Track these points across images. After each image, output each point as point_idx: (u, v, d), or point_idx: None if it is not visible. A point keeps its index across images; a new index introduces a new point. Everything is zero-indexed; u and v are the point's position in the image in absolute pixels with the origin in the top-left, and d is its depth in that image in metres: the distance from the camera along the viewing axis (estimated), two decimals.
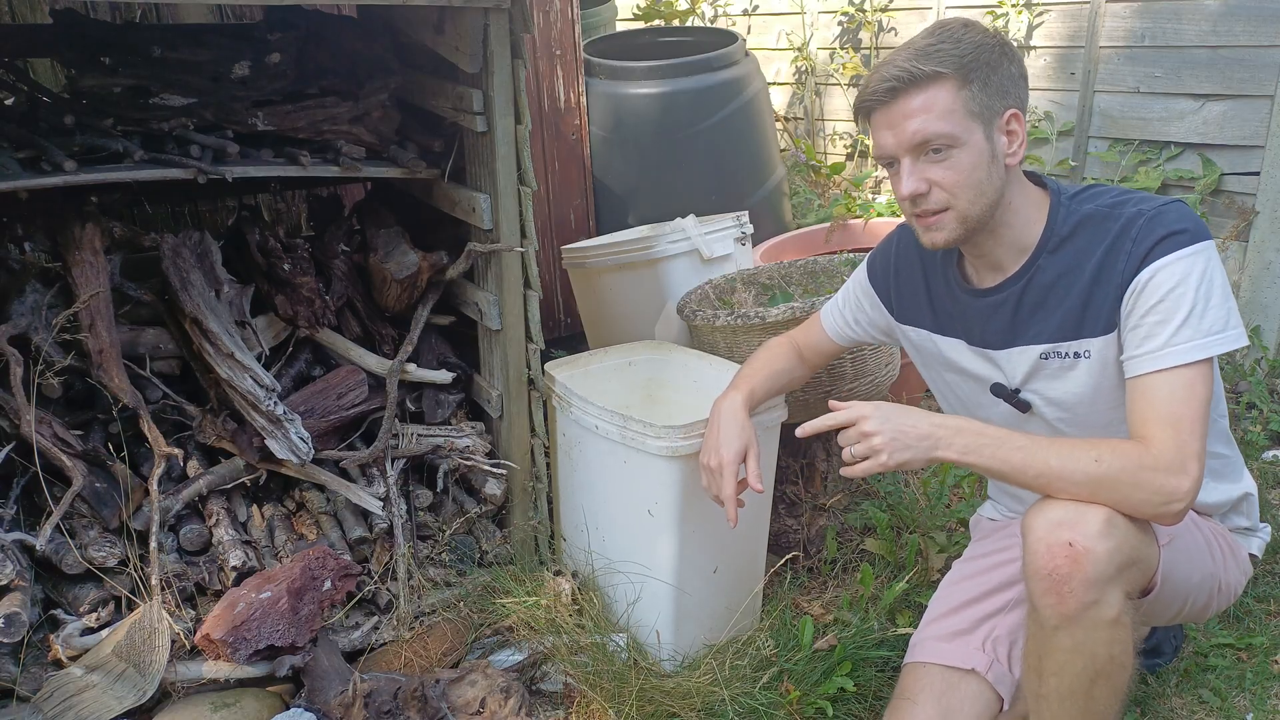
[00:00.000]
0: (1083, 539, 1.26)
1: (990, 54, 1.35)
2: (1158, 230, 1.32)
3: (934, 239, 1.43)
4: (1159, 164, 3.17)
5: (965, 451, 1.35)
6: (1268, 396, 2.82)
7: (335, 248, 2.25)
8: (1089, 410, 1.46)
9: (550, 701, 1.80)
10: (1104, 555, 1.25)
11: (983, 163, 1.37)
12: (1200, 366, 1.29)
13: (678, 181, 3.26)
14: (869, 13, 4.10)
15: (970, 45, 1.34)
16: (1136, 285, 1.33)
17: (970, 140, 1.35)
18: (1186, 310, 1.29)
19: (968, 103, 1.34)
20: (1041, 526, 1.30)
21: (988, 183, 1.38)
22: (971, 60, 1.34)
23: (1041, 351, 1.45)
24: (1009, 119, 1.38)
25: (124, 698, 1.58)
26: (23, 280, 1.88)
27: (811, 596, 2.17)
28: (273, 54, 2.09)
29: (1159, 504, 1.28)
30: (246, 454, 1.93)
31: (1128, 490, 1.28)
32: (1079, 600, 1.26)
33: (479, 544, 2.13)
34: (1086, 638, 1.28)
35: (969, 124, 1.35)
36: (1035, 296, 1.44)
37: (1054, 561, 1.27)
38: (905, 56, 1.35)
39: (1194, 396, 1.29)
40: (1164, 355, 1.30)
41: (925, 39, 1.36)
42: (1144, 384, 1.32)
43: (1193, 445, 1.27)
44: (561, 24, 3.14)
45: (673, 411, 2.15)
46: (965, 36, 1.35)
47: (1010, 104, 1.38)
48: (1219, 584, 1.54)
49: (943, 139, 1.35)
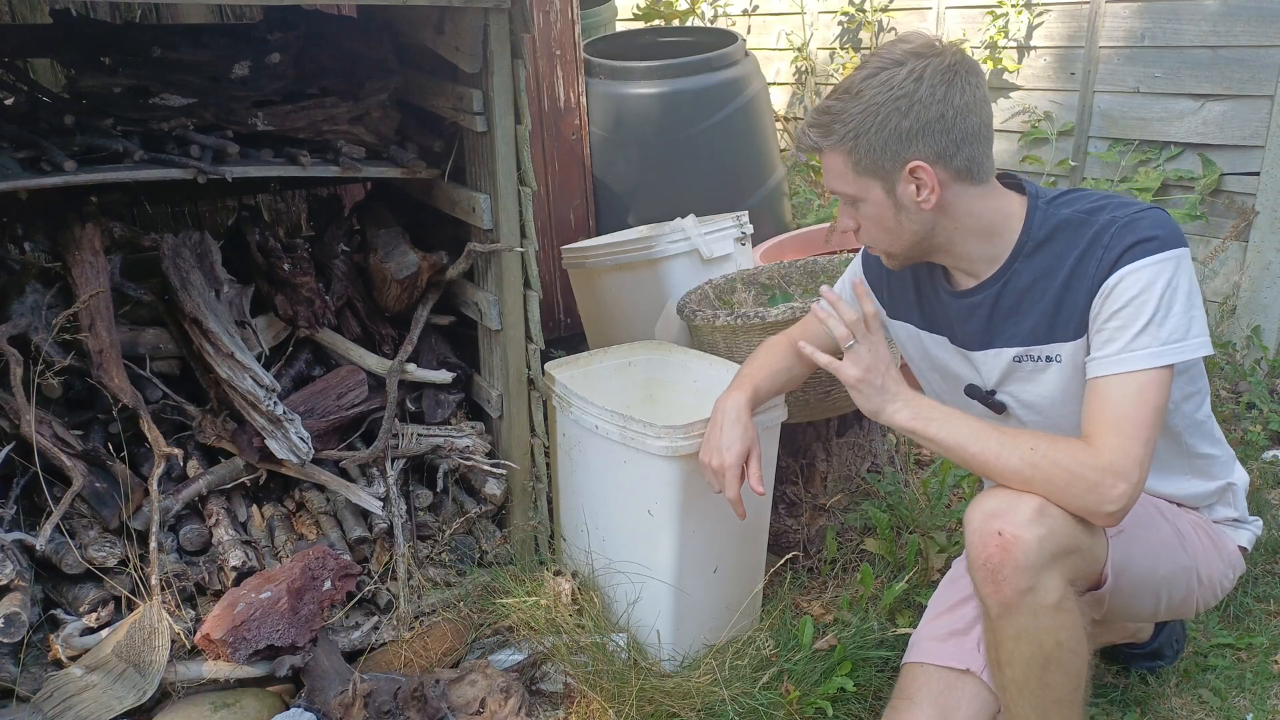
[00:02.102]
0: (1011, 527, 1.29)
1: (880, 113, 1.35)
2: (1129, 237, 1.33)
3: (885, 263, 1.55)
4: (1159, 164, 3.17)
5: (914, 418, 1.43)
6: (1268, 396, 2.82)
7: (335, 248, 2.25)
8: (1060, 413, 1.47)
9: (550, 701, 1.80)
10: (1033, 542, 1.28)
11: (887, 214, 1.43)
12: (1156, 373, 1.30)
13: (678, 181, 3.26)
14: (869, 13, 4.10)
15: (859, 108, 1.36)
16: (1104, 289, 1.34)
17: (869, 196, 1.42)
18: (1148, 317, 1.30)
19: (859, 164, 1.40)
20: (977, 518, 1.34)
21: (900, 229, 1.44)
22: (856, 126, 1.37)
23: (1015, 355, 1.47)
24: (912, 170, 1.37)
25: (124, 698, 1.58)
26: (23, 280, 1.88)
27: (811, 596, 2.17)
28: (273, 54, 2.09)
29: (1092, 503, 1.30)
30: (246, 454, 1.93)
31: (1061, 485, 1.30)
32: (1013, 587, 1.29)
33: (479, 544, 2.13)
34: (1029, 624, 1.31)
35: (864, 181, 1.41)
36: (1010, 300, 1.46)
37: (986, 551, 1.31)
38: (810, 119, 1.44)
39: (1144, 403, 1.30)
40: (1119, 360, 1.32)
41: (827, 99, 1.43)
42: (1098, 386, 1.34)
43: (1134, 450, 1.28)
44: (561, 24, 3.14)
45: (672, 411, 2.15)
46: (864, 92, 1.36)
47: (911, 156, 1.37)
48: (1197, 576, 1.55)
49: (845, 196, 1.45)
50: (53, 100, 2.02)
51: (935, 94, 1.34)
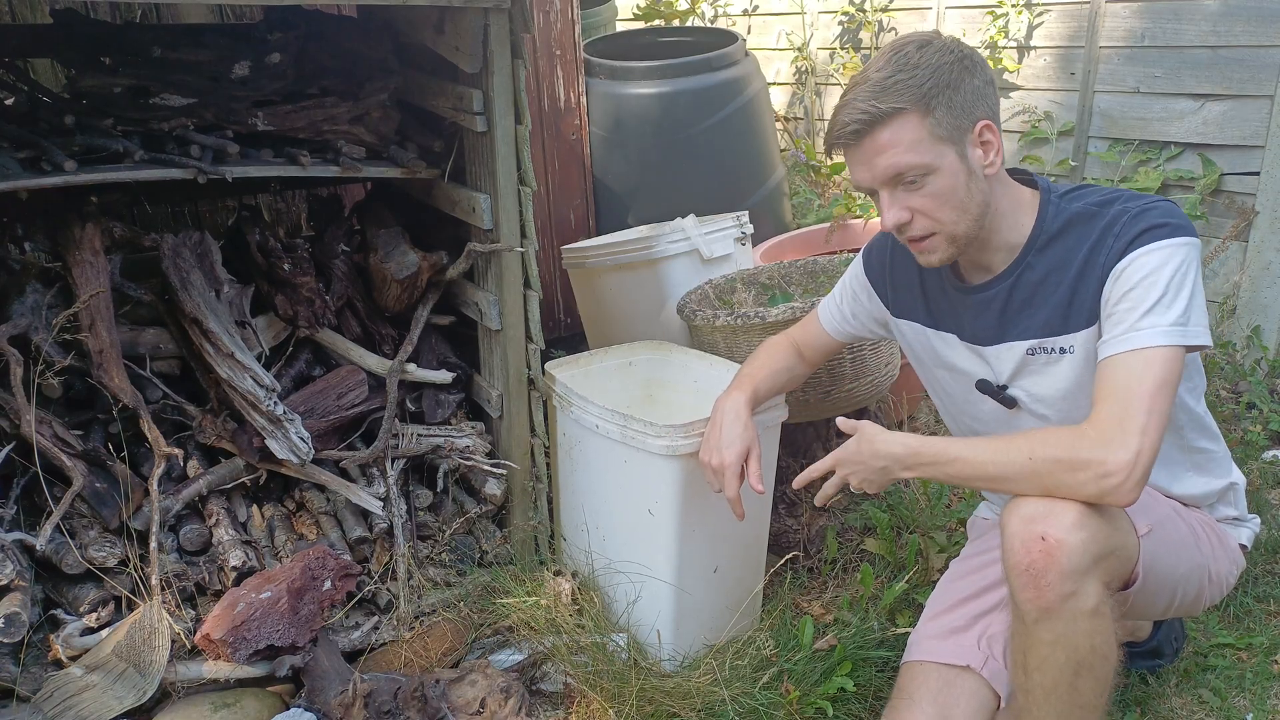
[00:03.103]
0: (1056, 531, 1.27)
1: (950, 73, 1.34)
2: (1141, 223, 1.33)
3: (929, 260, 1.45)
4: (1159, 164, 3.17)
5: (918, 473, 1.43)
6: (1268, 396, 2.82)
7: (335, 248, 2.25)
8: (1073, 405, 1.47)
9: (550, 701, 1.80)
10: (1078, 546, 1.26)
11: (960, 183, 1.37)
12: (1162, 351, 1.28)
13: (678, 181, 3.26)
14: (869, 13, 4.10)
15: (928, 71, 1.33)
16: (1115, 273, 1.34)
17: (943, 164, 1.35)
18: (1156, 297, 1.30)
19: (933, 130, 1.34)
20: (1016, 522, 1.31)
21: (969, 200, 1.39)
22: (930, 86, 1.33)
23: (1028, 347, 1.46)
24: (980, 131, 1.37)
25: (124, 698, 1.58)
26: (23, 280, 1.88)
27: (811, 596, 2.17)
28: (273, 54, 2.09)
29: (1097, 479, 1.26)
30: (246, 454, 1.93)
31: (1065, 474, 1.28)
32: (1056, 592, 1.27)
33: (479, 544, 2.13)
34: (1067, 630, 1.29)
35: (939, 149, 1.35)
36: (1023, 294, 1.45)
37: (1030, 556, 1.28)
38: (863, 95, 1.35)
39: (1149, 375, 1.27)
40: (1125, 339, 1.31)
41: (881, 71, 1.35)
42: (1106, 365, 1.32)
43: (1137, 420, 1.25)
44: (561, 24, 3.14)
45: (672, 411, 2.15)
46: (922, 61, 1.34)
47: (980, 116, 1.37)
48: (1209, 574, 1.55)
49: (915, 170, 1.36)
50: (53, 100, 2.02)
51: (979, 57, 1.37)
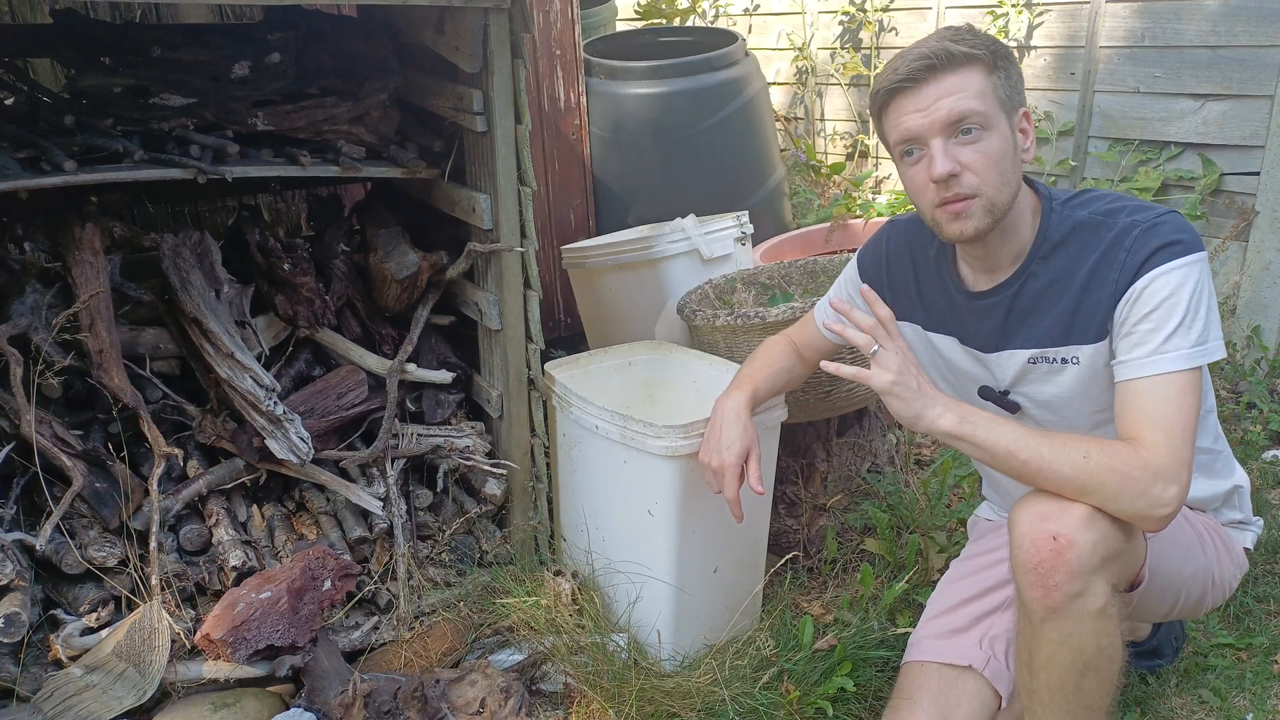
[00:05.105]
0: (1066, 530, 1.27)
1: (1006, 50, 1.39)
2: (1154, 240, 1.33)
3: (962, 228, 1.38)
4: (1159, 164, 3.17)
5: (959, 422, 1.35)
6: (1268, 396, 2.82)
7: (335, 248, 2.25)
8: (1075, 411, 1.47)
9: (550, 701, 1.80)
10: (1087, 546, 1.26)
11: (1009, 152, 1.38)
12: (1190, 374, 1.30)
13: (678, 181, 3.26)
14: (869, 13, 4.10)
15: (991, 39, 1.38)
16: (1132, 293, 1.33)
17: (999, 126, 1.36)
18: (1179, 319, 1.30)
19: (997, 89, 1.36)
20: (1026, 520, 1.31)
21: (1011, 174, 1.39)
22: (997, 49, 1.37)
23: (1030, 356, 1.46)
24: (1022, 116, 1.41)
25: (124, 698, 1.58)
26: (23, 280, 1.88)
27: (811, 596, 2.17)
28: (273, 54, 2.09)
29: (1144, 508, 1.27)
30: (246, 454, 1.93)
31: (1114, 490, 1.27)
32: (1064, 592, 1.27)
33: (479, 544, 2.13)
34: (1074, 629, 1.29)
35: (998, 110, 1.37)
36: (1027, 302, 1.45)
37: (1039, 554, 1.28)
38: (935, 40, 1.36)
39: (1186, 404, 1.29)
40: (1154, 361, 1.31)
41: (945, 30, 1.38)
42: (1135, 388, 1.32)
43: (1184, 452, 1.28)
44: (561, 24, 3.14)
45: (672, 411, 2.15)
46: (983, 33, 1.39)
47: (1021, 103, 1.41)
48: (1212, 577, 1.55)
49: (977, 118, 1.34)
50: (53, 100, 2.02)
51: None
